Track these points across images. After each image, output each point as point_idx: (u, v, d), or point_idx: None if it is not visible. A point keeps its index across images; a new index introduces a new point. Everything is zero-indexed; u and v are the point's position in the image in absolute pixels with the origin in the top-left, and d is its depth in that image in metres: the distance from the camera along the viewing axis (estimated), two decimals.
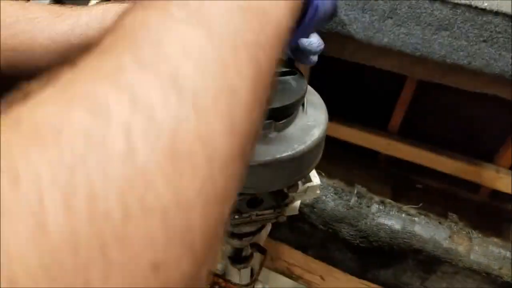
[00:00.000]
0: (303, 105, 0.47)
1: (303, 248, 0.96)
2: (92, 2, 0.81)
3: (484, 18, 0.91)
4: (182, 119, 0.14)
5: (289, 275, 1.02)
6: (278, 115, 0.44)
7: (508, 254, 0.81)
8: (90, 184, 0.12)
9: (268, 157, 0.42)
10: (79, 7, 0.41)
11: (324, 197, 0.85)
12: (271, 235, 0.88)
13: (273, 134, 0.44)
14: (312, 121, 0.47)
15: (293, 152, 0.43)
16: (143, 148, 0.13)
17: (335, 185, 0.87)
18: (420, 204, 0.89)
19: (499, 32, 0.92)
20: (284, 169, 0.44)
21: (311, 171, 0.50)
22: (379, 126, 1.46)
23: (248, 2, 0.19)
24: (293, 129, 0.45)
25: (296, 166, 0.45)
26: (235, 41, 0.17)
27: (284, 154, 0.43)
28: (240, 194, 0.48)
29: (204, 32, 0.17)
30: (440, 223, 0.84)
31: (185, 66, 0.16)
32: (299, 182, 0.53)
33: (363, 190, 0.86)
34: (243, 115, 0.17)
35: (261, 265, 0.69)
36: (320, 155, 0.49)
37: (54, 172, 0.12)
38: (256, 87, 0.18)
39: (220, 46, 0.17)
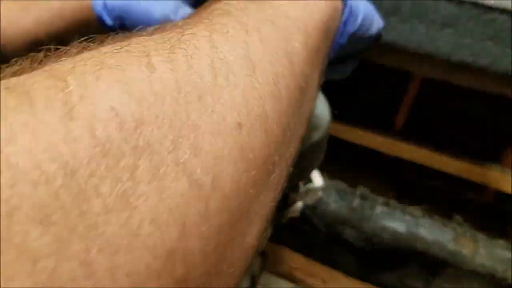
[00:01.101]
0: None
1: (305, 251, 0.95)
2: None
3: (490, 16, 0.90)
4: (250, 41, 0.19)
5: (291, 278, 1.01)
6: None
7: None
8: (186, 54, 0.17)
9: None
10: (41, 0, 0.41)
11: (326, 199, 0.84)
12: (272, 237, 0.87)
13: None
14: (312, 124, 0.46)
15: None
16: (221, 47, 0.18)
17: (337, 186, 0.86)
18: (424, 205, 0.88)
19: (505, 30, 0.91)
20: None
21: (310, 173, 0.49)
22: (382, 126, 1.46)
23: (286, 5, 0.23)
24: None
25: (293, 168, 0.44)
26: (286, 12, 0.22)
27: None
28: None
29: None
30: (444, 225, 0.83)
31: (251, 21, 0.21)
32: (301, 183, 0.52)
33: (366, 191, 0.85)
34: (298, 60, 0.21)
35: (262, 269, 0.67)
36: (320, 157, 0.48)
37: None
38: (306, 50, 0.22)
39: (274, 13, 0.22)
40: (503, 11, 0.89)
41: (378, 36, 0.35)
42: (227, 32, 0.19)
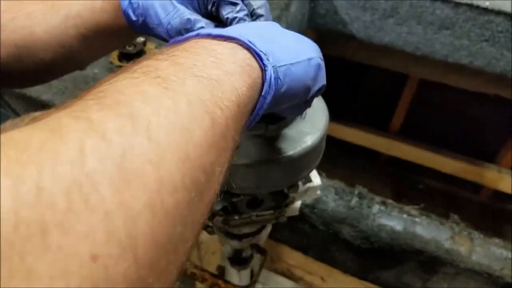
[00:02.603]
0: None
1: (304, 249, 0.96)
2: None
3: (486, 18, 0.90)
4: (134, 143, 0.17)
5: (289, 276, 1.01)
6: (270, 118, 0.43)
7: (509, 254, 0.80)
8: (39, 177, 0.14)
9: (253, 160, 0.41)
10: None
11: (324, 198, 0.84)
12: (271, 236, 0.87)
13: (264, 137, 0.43)
14: (309, 128, 0.45)
15: (279, 157, 0.42)
16: (92, 158, 0.15)
17: (336, 185, 0.86)
18: (422, 205, 0.89)
19: (501, 32, 0.92)
20: (272, 173, 0.43)
21: (304, 176, 0.48)
22: (380, 126, 1.46)
23: (201, 72, 0.22)
24: (286, 133, 0.44)
25: (285, 171, 0.44)
26: (190, 94, 0.20)
27: (270, 158, 0.42)
28: (239, 194, 0.48)
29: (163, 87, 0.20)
30: (441, 223, 0.83)
31: (144, 109, 0.18)
32: (300, 183, 0.52)
33: (364, 190, 0.86)
34: (197, 152, 0.19)
35: (261, 266, 0.68)
36: (319, 158, 0.48)
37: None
38: (211, 135, 0.20)
39: (175, 96, 0.20)
40: (499, 12, 0.89)
41: (320, 90, 0.34)
42: (104, 135, 0.16)
